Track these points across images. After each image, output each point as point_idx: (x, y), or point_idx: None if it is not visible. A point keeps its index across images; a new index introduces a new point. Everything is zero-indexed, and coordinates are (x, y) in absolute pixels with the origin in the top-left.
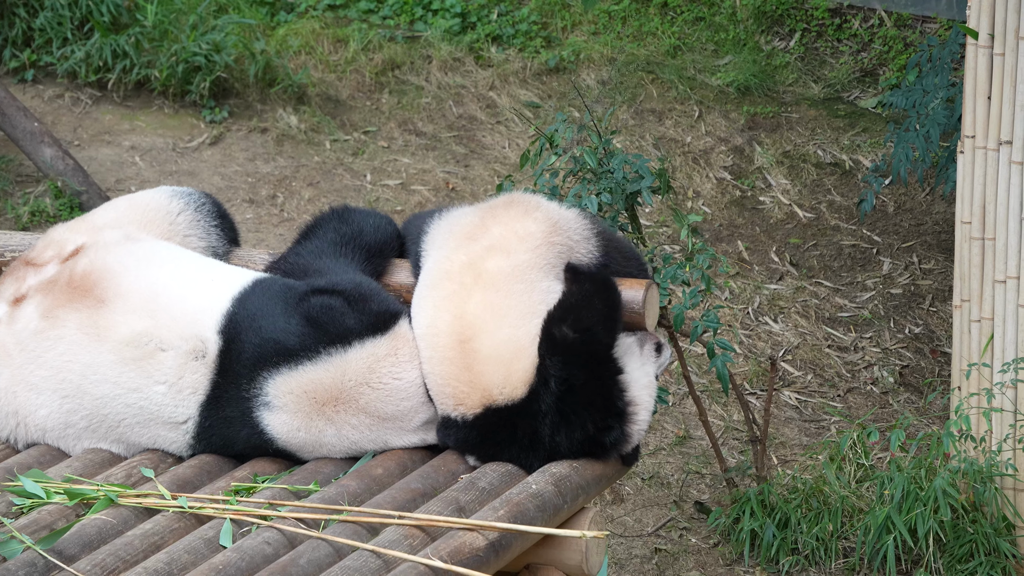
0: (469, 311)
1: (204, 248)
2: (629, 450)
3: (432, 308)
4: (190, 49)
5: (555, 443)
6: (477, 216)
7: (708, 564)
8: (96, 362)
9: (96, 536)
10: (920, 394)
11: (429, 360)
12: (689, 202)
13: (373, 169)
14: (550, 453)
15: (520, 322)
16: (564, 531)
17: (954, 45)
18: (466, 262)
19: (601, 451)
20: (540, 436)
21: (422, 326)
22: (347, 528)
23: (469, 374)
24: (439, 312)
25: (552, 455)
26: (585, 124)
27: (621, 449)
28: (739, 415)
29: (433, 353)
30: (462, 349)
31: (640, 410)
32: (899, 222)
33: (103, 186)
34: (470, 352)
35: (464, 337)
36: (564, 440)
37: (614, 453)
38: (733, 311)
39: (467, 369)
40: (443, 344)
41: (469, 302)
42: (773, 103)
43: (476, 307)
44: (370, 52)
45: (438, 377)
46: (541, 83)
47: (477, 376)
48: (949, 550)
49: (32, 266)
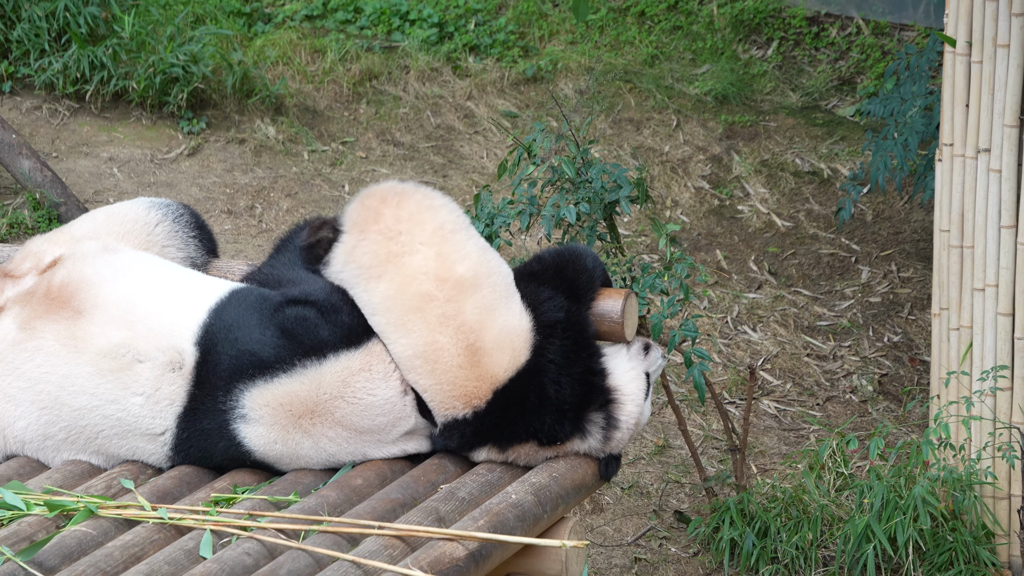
0: (468, 319)
1: (183, 259)
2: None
3: (425, 330)
4: (167, 60)
5: (560, 393)
6: (374, 239)
7: (688, 573)
8: (74, 373)
9: (76, 548)
10: (899, 402)
11: (432, 374)
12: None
13: (351, 180)
14: (558, 406)
15: (507, 304)
16: (544, 541)
17: (932, 53)
18: (432, 274)
19: (593, 429)
20: (546, 391)
21: (415, 346)
22: (327, 538)
23: (478, 370)
24: (436, 331)
25: (560, 409)
26: (563, 134)
27: (611, 433)
28: (718, 424)
29: (437, 366)
30: (470, 352)
31: (626, 398)
32: (878, 230)
33: (81, 198)
34: (477, 352)
35: (471, 342)
36: (566, 383)
37: (603, 433)
38: (712, 320)
39: (475, 367)
40: (450, 356)
41: (464, 311)
42: (751, 112)
43: (472, 313)
44: (348, 62)
45: (447, 386)
46: (519, 93)
47: (485, 369)
48: (929, 558)
49: (10, 278)
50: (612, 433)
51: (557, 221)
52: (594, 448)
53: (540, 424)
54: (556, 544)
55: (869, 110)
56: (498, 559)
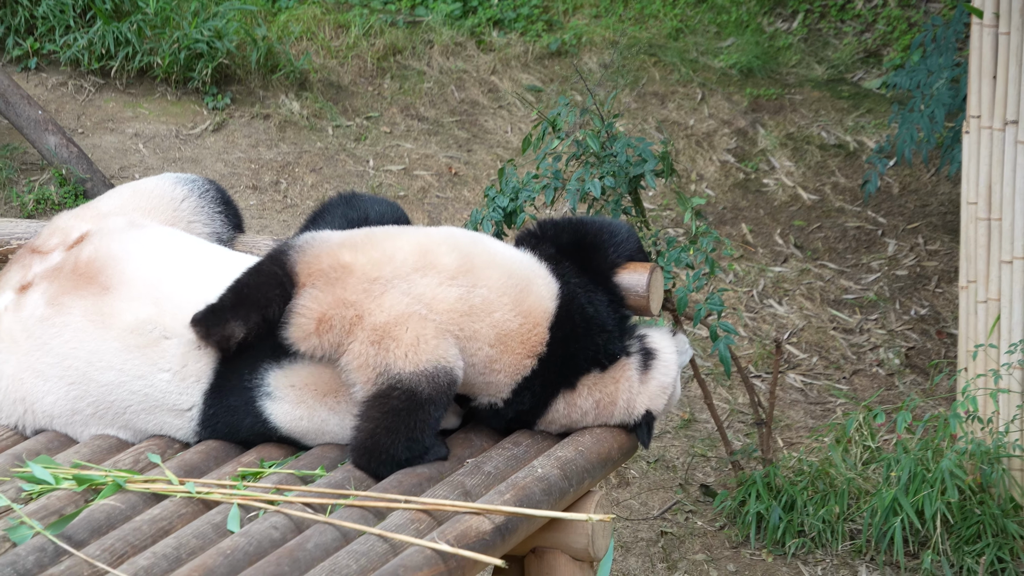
0: (495, 283)
1: (208, 234)
2: (653, 391)
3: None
4: (192, 36)
5: (598, 312)
6: (360, 343)
7: (714, 547)
8: (101, 349)
9: (105, 521)
10: (926, 376)
11: (500, 343)
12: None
13: (376, 154)
14: (601, 326)
15: (502, 248)
16: (570, 514)
17: (958, 24)
18: (451, 268)
19: (633, 351)
20: (586, 311)
21: (488, 338)
22: (354, 512)
23: (531, 316)
24: (496, 314)
25: (604, 328)
26: (587, 108)
27: (648, 374)
28: (744, 398)
29: (503, 337)
30: (517, 304)
31: (659, 351)
32: (904, 203)
33: (107, 173)
34: (521, 300)
35: (505, 330)
36: (600, 302)
37: (640, 363)
38: (737, 294)
39: (527, 314)
40: (491, 345)
41: (486, 280)
42: (776, 85)
43: (494, 276)
44: (371, 37)
45: (500, 375)
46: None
47: (534, 308)
48: (956, 531)
49: (38, 253)
50: (649, 374)
51: (582, 195)
52: (634, 384)
53: (593, 346)
54: (582, 518)
55: (895, 82)
56: (524, 533)
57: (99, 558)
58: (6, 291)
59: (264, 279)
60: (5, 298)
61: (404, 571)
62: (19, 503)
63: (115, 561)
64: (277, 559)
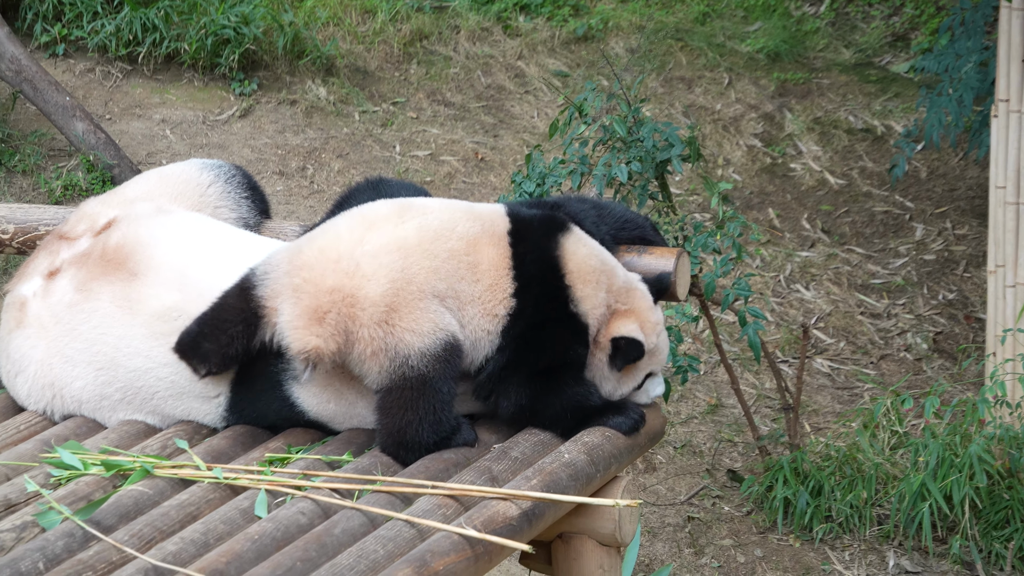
0: (458, 236)
1: (235, 220)
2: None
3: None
4: (219, 22)
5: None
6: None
7: (741, 532)
8: (129, 335)
9: (133, 507)
10: (954, 360)
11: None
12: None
13: (402, 140)
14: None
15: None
16: (597, 500)
17: (987, 8)
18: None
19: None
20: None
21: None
22: (381, 498)
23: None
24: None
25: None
26: (614, 93)
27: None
28: (771, 383)
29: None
30: (475, 251)
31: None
32: (932, 187)
33: (134, 159)
34: (476, 250)
35: (469, 242)
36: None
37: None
38: (764, 279)
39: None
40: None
41: (454, 229)
42: (803, 69)
43: (451, 221)
44: (398, 23)
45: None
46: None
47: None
48: (985, 516)
49: (66, 240)
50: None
51: (609, 180)
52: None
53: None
54: (609, 503)
55: (923, 66)
56: (551, 518)
57: (127, 543)
58: (34, 277)
59: (226, 315)
60: (33, 284)
61: (431, 556)
62: (48, 488)
63: (143, 546)
64: (304, 544)
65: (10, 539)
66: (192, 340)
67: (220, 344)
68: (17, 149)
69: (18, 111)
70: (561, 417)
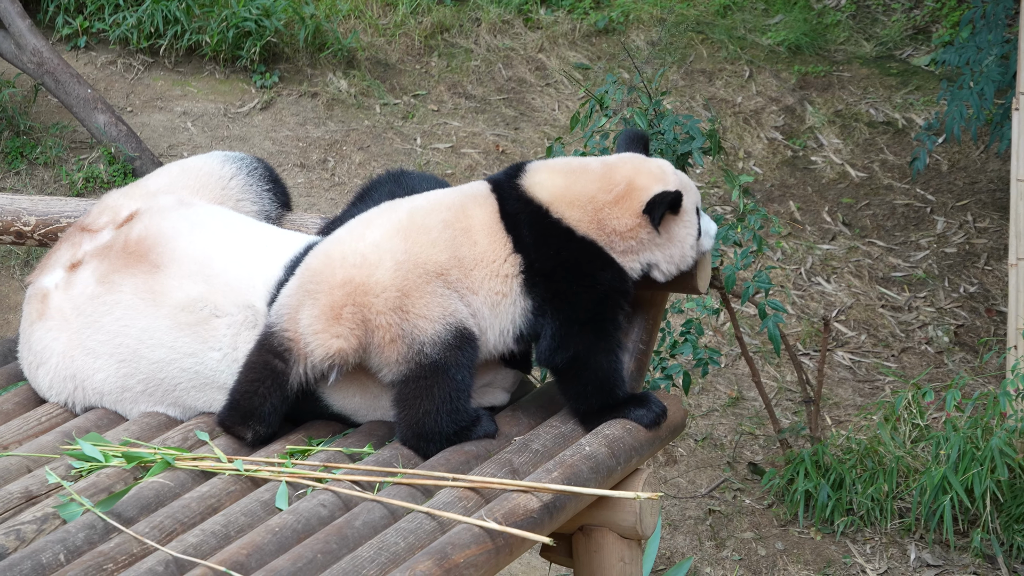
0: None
1: (256, 212)
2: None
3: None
4: (240, 14)
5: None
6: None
7: (762, 525)
8: (152, 327)
9: (154, 499)
10: (975, 353)
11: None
12: (740, 163)
13: (423, 133)
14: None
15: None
16: (618, 493)
17: (1008, 1)
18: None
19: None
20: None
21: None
22: (401, 490)
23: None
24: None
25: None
26: (635, 85)
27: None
28: (792, 376)
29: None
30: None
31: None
32: (953, 180)
33: (155, 152)
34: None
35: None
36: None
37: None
38: (785, 271)
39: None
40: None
41: (444, 206)
42: (824, 62)
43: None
44: (419, 15)
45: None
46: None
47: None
48: (1006, 510)
49: (88, 232)
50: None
51: None
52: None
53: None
54: (630, 496)
55: (944, 59)
56: (572, 511)
57: (148, 535)
58: (56, 269)
59: (251, 375)
60: (55, 276)
61: (452, 549)
62: (69, 480)
63: (164, 538)
64: (325, 536)
65: (31, 531)
66: (228, 412)
67: (254, 405)
68: (39, 141)
69: (40, 103)
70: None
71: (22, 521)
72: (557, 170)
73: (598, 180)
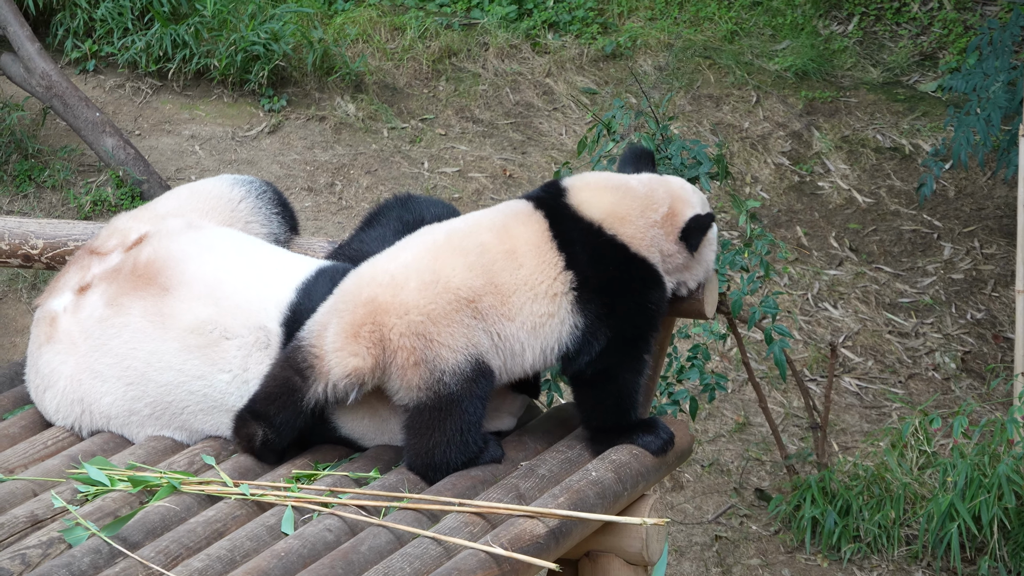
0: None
1: (265, 235)
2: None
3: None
4: (249, 38)
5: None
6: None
7: (769, 551)
8: (160, 350)
9: (160, 523)
10: (983, 380)
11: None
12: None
13: (430, 156)
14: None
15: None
16: (624, 518)
17: (1015, 27)
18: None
19: None
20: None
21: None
22: (408, 515)
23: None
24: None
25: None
26: (642, 110)
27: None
28: (799, 401)
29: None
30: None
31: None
32: (960, 206)
33: (164, 175)
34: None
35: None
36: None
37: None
38: (792, 297)
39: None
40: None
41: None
42: (831, 88)
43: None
44: (427, 40)
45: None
46: (598, 69)
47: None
48: (1014, 537)
49: (96, 255)
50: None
51: None
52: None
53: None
54: (636, 522)
55: (951, 85)
56: (578, 536)
57: (154, 560)
58: (65, 292)
59: (270, 386)
60: (64, 299)
61: (458, 574)
62: (75, 504)
63: (169, 563)
64: (331, 562)
65: (36, 555)
66: (243, 412)
67: (269, 413)
68: (47, 164)
69: (48, 127)
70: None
71: (27, 545)
72: (600, 187)
73: (643, 199)
